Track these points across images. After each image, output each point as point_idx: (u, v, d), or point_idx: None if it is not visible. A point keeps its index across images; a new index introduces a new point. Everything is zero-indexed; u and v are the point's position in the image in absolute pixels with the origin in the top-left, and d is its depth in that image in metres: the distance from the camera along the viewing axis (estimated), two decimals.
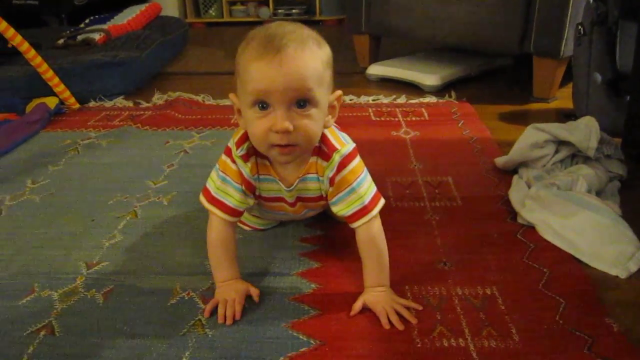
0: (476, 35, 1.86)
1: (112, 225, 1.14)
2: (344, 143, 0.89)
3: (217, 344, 0.81)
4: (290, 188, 0.92)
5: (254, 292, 0.90)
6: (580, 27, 1.50)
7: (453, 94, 1.87)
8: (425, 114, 1.71)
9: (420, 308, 0.86)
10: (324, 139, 0.88)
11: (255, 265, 0.99)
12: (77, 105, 1.90)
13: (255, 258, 1.01)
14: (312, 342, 0.81)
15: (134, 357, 0.79)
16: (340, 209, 0.90)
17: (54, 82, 1.84)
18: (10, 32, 1.72)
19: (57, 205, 1.24)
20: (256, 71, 0.77)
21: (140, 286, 0.95)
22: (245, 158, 0.89)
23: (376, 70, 2.13)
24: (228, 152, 0.90)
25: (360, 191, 0.88)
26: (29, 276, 0.98)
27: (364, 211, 0.88)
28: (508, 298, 0.89)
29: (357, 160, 0.90)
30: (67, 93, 1.87)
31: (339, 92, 0.87)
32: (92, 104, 1.94)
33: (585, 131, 1.20)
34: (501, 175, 1.28)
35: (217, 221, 0.91)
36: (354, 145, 0.91)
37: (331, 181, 0.89)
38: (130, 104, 1.92)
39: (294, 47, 0.76)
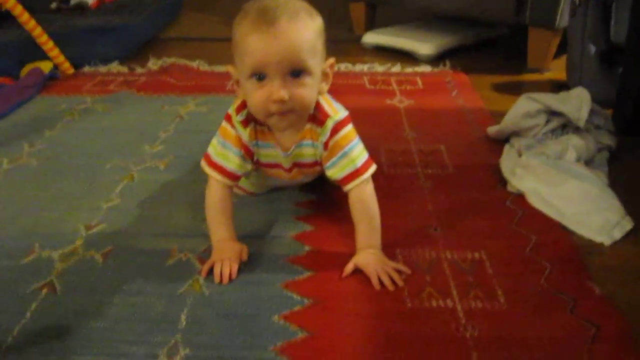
0: (472, 5, 1.85)
1: (109, 188, 1.16)
2: (337, 110, 0.94)
3: (214, 302, 0.84)
4: (287, 153, 0.96)
5: (247, 253, 0.93)
6: None
7: (448, 63, 1.87)
8: (420, 83, 1.72)
9: (409, 272, 0.89)
10: (318, 106, 0.92)
11: (251, 228, 1.02)
12: (72, 70, 1.89)
13: (251, 221, 1.04)
14: (305, 301, 0.84)
15: (134, 314, 0.82)
16: (333, 173, 0.94)
17: (48, 46, 1.82)
18: None
19: (55, 168, 1.25)
20: (252, 45, 0.81)
21: (139, 247, 0.97)
22: (245, 124, 0.93)
23: (371, 38, 2.13)
24: (228, 119, 0.95)
25: (352, 155, 0.92)
26: (29, 237, 1.01)
27: (355, 174, 0.92)
28: (495, 262, 0.92)
29: (350, 127, 0.94)
30: (62, 58, 1.86)
31: (331, 60, 0.90)
32: (86, 69, 1.93)
33: (576, 102, 1.22)
34: (493, 145, 1.30)
35: (215, 184, 0.95)
36: (347, 113, 0.95)
37: (325, 146, 0.93)
38: (125, 69, 1.92)
39: (286, 20, 0.80)
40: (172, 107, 1.57)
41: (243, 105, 0.92)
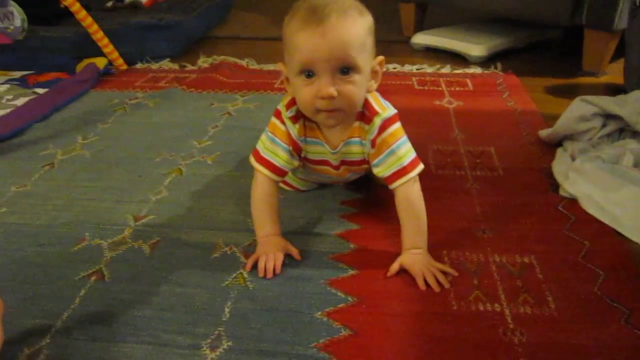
0: (526, 6, 1.81)
1: (158, 181, 1.18)
2: (385, 108, 0.93)
3: (257, 297, 0.84)
4: (335, 151, 0.95)
5: (294, 250, 0.93)
6: None
7: (499, 65, 1.83)
8: (470, 85, 1.69)
9: (456, 274, 0.88)
10: (366, 104, 0.91)
11: (296, 225, 1.02)
12: (125, 66, 1.94)
13: (297, 218, 1.04)
14: (349, 299, 0.83)
15: (179, 304, 0.83)
16: (380, 171, 0.93)
17: (104, 42, 1.88)
18: None
19: (106, 160, 1.28)
20: (301, 42, 0.81)
21: (185, 239, 0.98)
22: (294, 120, 0.93)
23: (421, 39, 2.10)
24: (277, 115, 0.95)
25: (400, 153, 0.91)
26: (80, 226, 1.03)
27: (402, 172, 0.91)
28: (546, 267, 0.89)
29: (398, 125, 0.93)
30: (116, 54, 1.91)
31: (380, 58, 0.89)
32: (139, 65, 1.98)
33: (635, 105, 1.18)
34: (545, 148, 1.26)
35: (262, 179, 0.95)
36: (395, 111, 0.94)
37: (372, 143, 0.92)
38: (176, 66, 1.95)
39: (336, 17, 0.80)
40: (220, 104, 1.59)
41: (293, 102, 0.92)
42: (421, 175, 0.93)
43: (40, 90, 1.72)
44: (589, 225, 0.99)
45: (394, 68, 1.86)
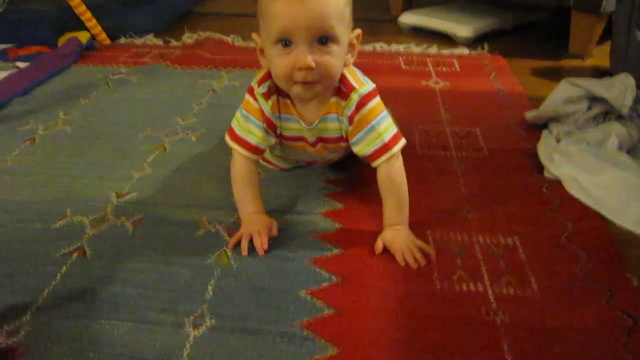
0: None
1: (141, 158, 1.16)
2: (363, 83, 0.90)
3: (241, 275, 0.84)
4: (311, 127, 0.93)
5: (276, 227, 0.92)
6: None
7: (486, 46, 1.82)
8: (457, 65, 1.68)
9: (434, 258, 0.87)
10: (343, 79, 0.89)
11: (281, 204, 1.01)
12: (108, 41, 1.90)
13: (281, 196, 1.03)
14: (333, 277, 0.83)
15: (162, 282, 0.83)
16: (361, 149, 0.91)
17: (86, 16, 1.84)
18: None
19: (89, 136, 1.26)
20: (279, 9, 0.78)
21: (168, 217, 0.97)
22: (267, 96, 0.91)
23: (408, 18, 2.08)
24: (250, 91, 0.93)
25: (380, 129, 0.89)
26: (62, 202, 1.02)
27: (384, 149, 0.89)
28: (529, 248, 0.89)
29: (377, 99, 0.90)
30: (99, 28, 1.88)
31: (358, 31, 0.87)
32: (122, 40, 1.94)
33: (620, 88, 1.18)
34: (530, 130, 1.27)
35: (239, 158, 0.94)
36: (373, 85, 0.91)
37: (350, 120, 0.90)
38: (160, 42, 1.92)
39: None
40: (205, 81, 1.57)
41: (265, 77, 0.90)
42: (406, 155, 0.92)
43: (21, 64, 1.68)
44: (573, 207, 0.99)
45: (381, 47, 1.84)
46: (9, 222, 0.97)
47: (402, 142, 0.91)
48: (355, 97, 0.88)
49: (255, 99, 0.92)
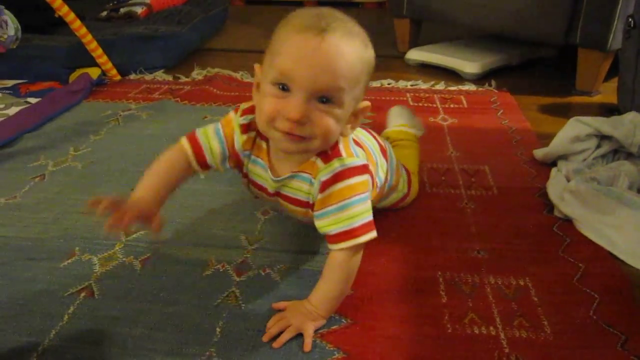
0: (521, 24, 1.82)
1: None
2: (352, 154, 0.79)
3: (249, 317, 0.83)
4: (277, 179, 0.83)
5: (157, 223, 0.78)
6: (630, 19, 1.46)
7: (493, 82, 1.84)
8: (464, 102, 1.69)
9: (308, 350, 0.76)
10: (333, 144, 0.78)
11: (289, 242, 1.01)
12: (119, 77, 1.93)
13: (290, 235, 1.02)
14: (343, 320, 0.82)
15: (170, 323, 0.82)
16: (324, 225, 0.78)
17: (97, 53, 1.86)
18: (57, 2, 1.74)
19: (98, 173, 1.27)
20: (290, 45, 0.69)
21: (177, 256, 0.97)
22: (244, 129, 0.83)
23: (416, 55, 2.11)
24: (235, 111, 0.85)
25: (354, 211, 0.77)
26: (70, 240, 1.01)
27: (350, 234, 0.77)
28: (541, 290, 0.88)
29: (363, 178, 0.79)
30: (109, 64, 1.90)
31: (366, 104, 0.79)
32: (132, 76, 1.97)
33: (629, 127, 1.18)
34: (539, 168, 1.26)
35: (176, 149, 0.85)
36: (363, 161, 0.80)
37: (322, 186, 0.78)
38: (169, 78, 1.94)
39: (340, 35, 0.69)
40: (214, 117, 1.57)
41: (252, 110, 0.81)
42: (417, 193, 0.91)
43: (33, 100, 1.70)
44: (584, 248, 0.98)
45: (389, 84, 1.86)
46: (17, 260, 0.96)
47: (372, 234, 0.78)
48: (336, 165, 0.77)
49: (233, 127, 0.84)
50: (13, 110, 1.61)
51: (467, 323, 0.81)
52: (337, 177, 0.77)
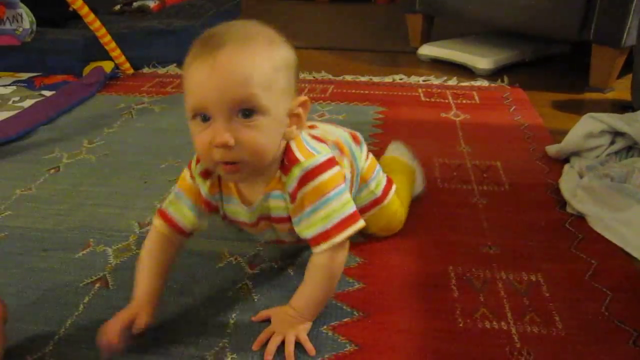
0: (534, 20, 1.81)
1: (163, 187, 1.17)
2: (310, 154, 0.76)
3: (262, 308, 0.83)
4: (251, 208, 0.80)
5: (140, 321, 0.76)
6: None
7: (506, 78, 1.83)
8: (477, 98, 1.69)
9: (310, 353, 0.75)
10: (287, 151, 0.76)
11: None
12: (132, 71, 1.94)
13: None
14: (355, 313, 0.82)
15: (183, 315, 0.83)
16: (302, 230, 0.77)
17: (111, 46, 1.88)
18: None
19: (112, 165, 1.28)
20: (191, 77, 0.67)
21: (190, 248, 0.97)
22: (205, 175, 0.79)
23: (428, 50, 2.10)
24: (189, 166, 0.82)
25: (328, 209, 0.74)
26: (85, 231, 1.03)
27: (324, 236, 0.75)
28: (553, 286, 0.88)
29: (330, 173, 0.76)
30: (123, 58, 1.92)
31: (303, 98, 0.75)
32: (145, 70, 1.98)
33: None
34: (552, 164, 1.26)
35: (154, 233, 0.82)
36: (326, 156, 0.77)
37: (292, 197, 0.76)
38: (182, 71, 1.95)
39: (232, 47, 0.66)
40: None
41: None
42: (427, 189, 0.91)
43: (47, 93, 1.72)
44: (597, 244, 0.98)
45: (401, 79, 1.86)
46: (32, 251, 0.98)
47: (357, 225, 0.76)
48: (296, 172, 0.74)
49: (192, 176, 0.80)
50: (28, 103, 1.63)
51: (479, 318, 0.82)
52: (302, 182, 0.75)
